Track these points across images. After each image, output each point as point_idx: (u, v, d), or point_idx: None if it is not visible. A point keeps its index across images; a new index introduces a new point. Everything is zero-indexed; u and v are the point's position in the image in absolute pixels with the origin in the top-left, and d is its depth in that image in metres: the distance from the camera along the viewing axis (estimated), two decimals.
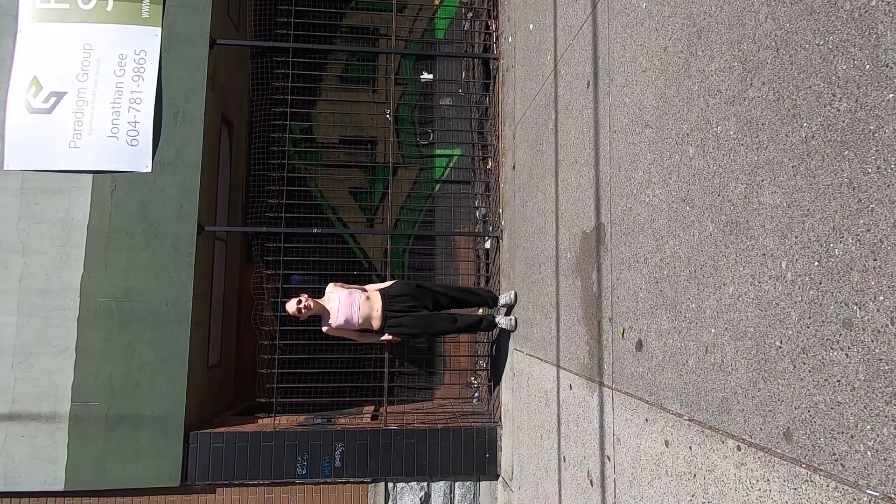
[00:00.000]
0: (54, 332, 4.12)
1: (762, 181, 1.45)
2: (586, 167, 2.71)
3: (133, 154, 4.28)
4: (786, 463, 1.31)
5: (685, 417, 1.75)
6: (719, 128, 1.65)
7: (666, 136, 1.96)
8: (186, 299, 4.25)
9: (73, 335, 4.12)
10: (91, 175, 4.26)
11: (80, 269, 4.20)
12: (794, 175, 1.33)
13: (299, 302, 3.74)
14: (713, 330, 1.63)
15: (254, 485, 4.28)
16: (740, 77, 1.55)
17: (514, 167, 4.33)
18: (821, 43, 1.26)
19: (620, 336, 2.23)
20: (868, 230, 1.11)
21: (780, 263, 1.37)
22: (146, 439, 4.10)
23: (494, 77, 5.11)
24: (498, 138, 4.89)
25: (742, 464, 1.47)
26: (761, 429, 1.41)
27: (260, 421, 4.53)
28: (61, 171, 4.24)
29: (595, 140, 2.60)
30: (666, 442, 1.86)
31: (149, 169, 4.30)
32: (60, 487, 4.02)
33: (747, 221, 1.51)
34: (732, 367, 1.53)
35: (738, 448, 1.49)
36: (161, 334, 4.20)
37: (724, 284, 1.60)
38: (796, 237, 1.32)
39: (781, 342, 1.35)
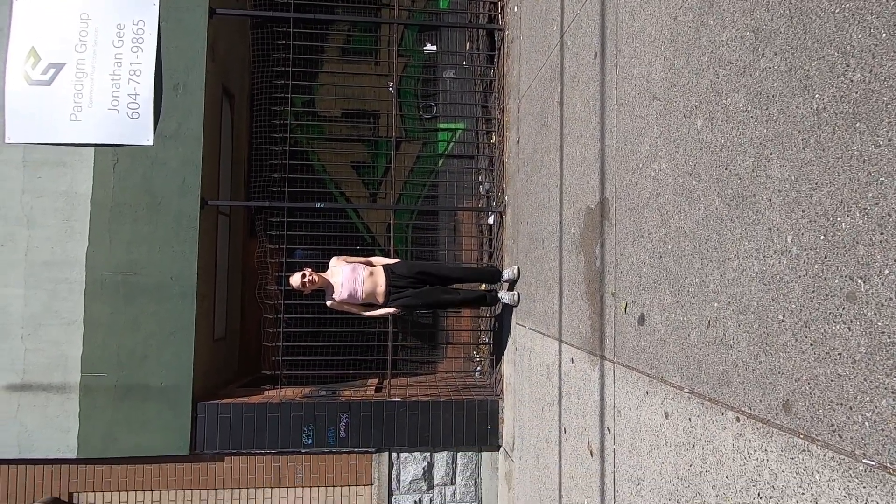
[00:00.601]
0: (61, 304, 4.17)
1: (771, 154, 1.43)
2: (592, 141, 2.68)
3: (134, 127, 4.24)
4: (784, 434, 1.34)
5: (685, 390, 1.78)
6: (729, 100, 1.62)
7: (674, 108, 1.93)
8: (191, 273, 4.28)
9: (80, 307, 4.17)
10: (93, 148, 4.24)
11: (85, 243, 4.22)
12: (804, 148, 1.31)
13: (303, 276, 3.76)
14: (716, 304, 1.64)
15: (261, 454, 4.39)
16: (752, 47, 1.52)
17: (518, 141, 4.29)
18: (836, 11, 1.22)
19: (623, 311, 2.25)
20: (876, 203, 1.10)
21: (786, 237, 1.36)
22: (155, 410, 4.19)
23: (499, 48, 5.00)
24: (502, 112, 4.82)
25: (740, 434, 1.50)
26: (761, 401, 1.43)
27: (266, 393, 4.62)
28: (63, 145, 4.22)
29: (601, 113, 2.56)
30: (666, 414, 1.89)
31: (150, 142, 4.27)
32: (73, 455, 4.13)
33: (754, 195, 1.49)
34: (734, 340, 1.55)
35: (737, 419, 1.51)
36: (167, 307, 4.24)
37: (728, 259, 1.60)
38: (803, 211, 1.31)
39: (784, 316, 1.36)
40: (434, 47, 5.91)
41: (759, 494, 1.42)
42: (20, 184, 4.18)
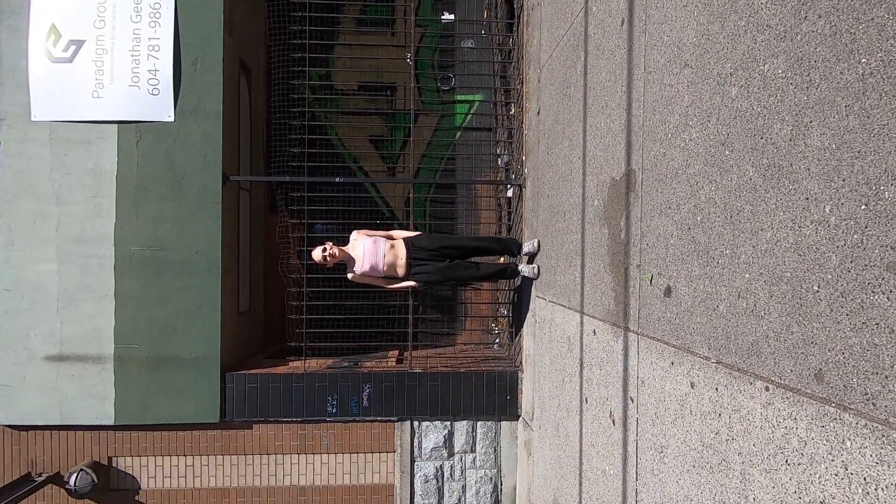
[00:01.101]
0: (93, 279, 4.30)
1: (810, 122, 1.40)
2: (617, 111, 2.63)
3: (155, 103, 4.27)
4: (815, 402, 1.35)
5: (713, 360, 1.79)
6: (766, 66, 1.58)
7: (706, 76, 1.88)
8: (216, 248, 4.37)
9: (111, 282, 4.30)
10: (116, 125, 4.29)
11: (113, 219, 4.32)
12: (847, 115, 1.28)
13: (324, 250, 3.81)
14: (747, 275, 1.63)
15: (287, 422, 4.55)
16: (794, 10, 1.46)
17: (538, 112, 4.22)
18: None
19: (648, 283, 2.25)
20: None
21: (824, 207, 1.35)
22: (186, 379, 4.35)
23: (519, 16, 4.88)
24: (522, 82, 4.73)
25: (769, 403, 1.51)
26: (792, 370, 1.44)
27: (291, 364, 4.75)
28: (87, 122, 4.27)
29: (628, 82, 2.50)
30: (691, 384, 1.91)
31: (171, 118, 4.30)
32: (111, 422, 4.33)
33: (791, 165, 1.47)
34: (765, 311, 1.54)
35: (767, 389, 1.53)
36: (193, 281, 4.35)
37: (761, 230, 1.58)
38: (844, 180, 1.29)
39: (819, 286, 1.35)
40: (451, 16, 5.78)
41: (786, 461, 1.45)
42: (48, 162, 4.27)
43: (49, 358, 4.28)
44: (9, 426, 4.35)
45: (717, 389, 1.77)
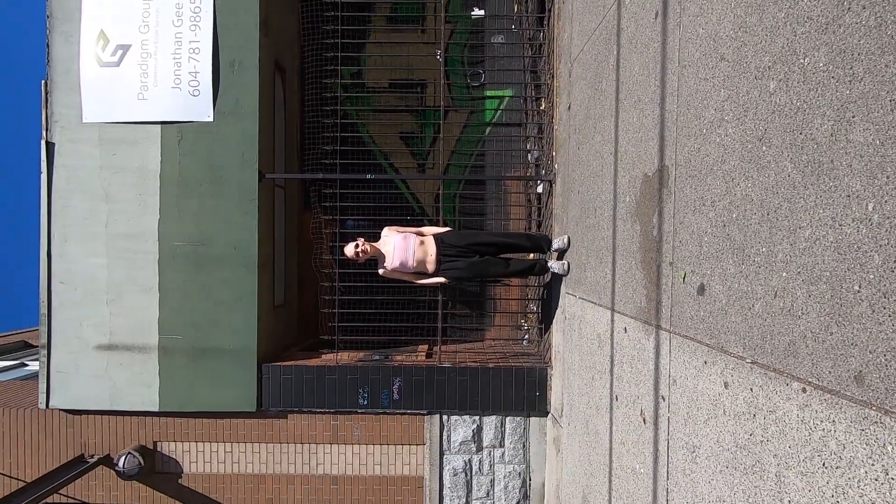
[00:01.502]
0: (139, 272, 4.52)
1: (853, 117, 1.36)
2: (650, 106, 2.59)
3: (195, 104, 4.44)
4: (854, 405, 1.32)
5: (747, 360, 1.76)
6: (807, 59, 1.53)
7: (744, 69, 1.83)
8: (252, 243, 4.52)
9: (155, 276, 4.51)
10: (159, 126, 4.48)
11: (157, 216, 4.52)
12: (892, 110, 1.24)
13: (356, 246, 3.89)
14: (784, 274, 1.60)
15: (320, 412, 4.69)
16: (836, 1, 1.42)
17: (569, 108, 4.18)
18: None
19: (681, 280, 2.22)
20: None
21: (867, 205, 1.31)
22: (225, 370, 4.53)
23: (549, 10, 4.83)
24: (552, 77, 4.69)
25: (806, 405, 1.48)
26: (830, 372, 1.40)
27: (323, 356, 4.88)
28: (133, 123, 4.48)
29: (662, 76, 2.46)
30: (725, 383, 1.89)
31: (211, 118, 4.46)
32: (156, 408, 4.56)
33: (832, 161, 1.43)
34: (803, 311, 1.51)
35: (804, 390, 1.49)
36: (232, 275, 4.52)
37: (799, 228, 1.54)
38: (888, 177, 1.25)
39: (860, 286, 1.32)
40: (482, 12, 5.77)
41: (823, 464, 1.42)
42: (98, 161, 4.50)
43: (100, 347, 4.54)
44: (64, 410, 4.64)
45: (751, 390, 1.74)
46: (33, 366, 6.94)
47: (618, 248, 2.98)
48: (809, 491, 1.47)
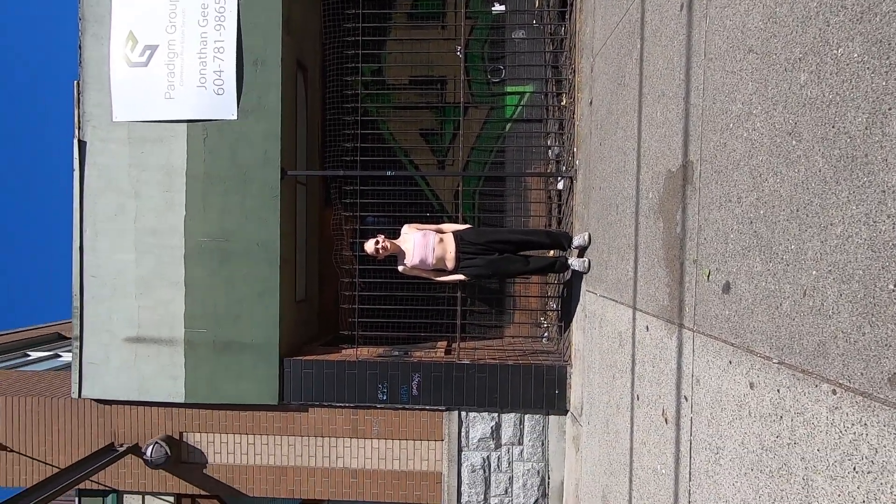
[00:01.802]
0: (166, 267, 4.64)
1: (889, 109, 1.31)
2: (675, 100, 2.53)
3: (220, 102, 4.52)
4: (888, 408, 1.27)
5: (774, 360, 1.71)
6: (840, 50, 1.48)
7: (773, 62, 1.78)
8: (275, 239, 4.59)
9: (181, 271, 4.63)
10: (185, 124, 4.58)
11: (183, 212, 4.63)
12: None
13: (377, 243, 3.92)
14: (814, 272, 1.55)
15: (341, 406, 4.74)
16: None
17: (591, 103, 4.12)
18: None
19: (705, 278, 2.17)
20: None
21: None
22: (248, 363, 4.62)
23: (571, 4, 4.76)
24: (574, 72, 4.63)
25: (836, 408, 1.44)
26: (862, 373, 1.36)
27: (343, 351, 4.94)
28: (160, 122, 4.59)
29: (687, 70, 2.41)
30: (751, 384, 1.84)
31: (235, 116, 4.54)
32: (182, 400, 4.68)
33: (866, 155, 1.38)
34: (834, 310, 1.46)
35: (834, 392, 1.45)
36: (254, 271, 4.60)
37: (831, 224, 1.49)
38: None
39: (895, 285, 1.27)
40: (502, 7, 5.72)
41: (854, 469, 1.37)
42: (127, 159, 4.63)
43: (128, 339, 4.67)
44: (95, 400, 4.80)
45: (778, 391, 1.69)
46: (67, 357, 7.20)
47: (640, 245, 2.93)
48: (839, 496, 1.42)
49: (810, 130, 1.59)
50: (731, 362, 1.97)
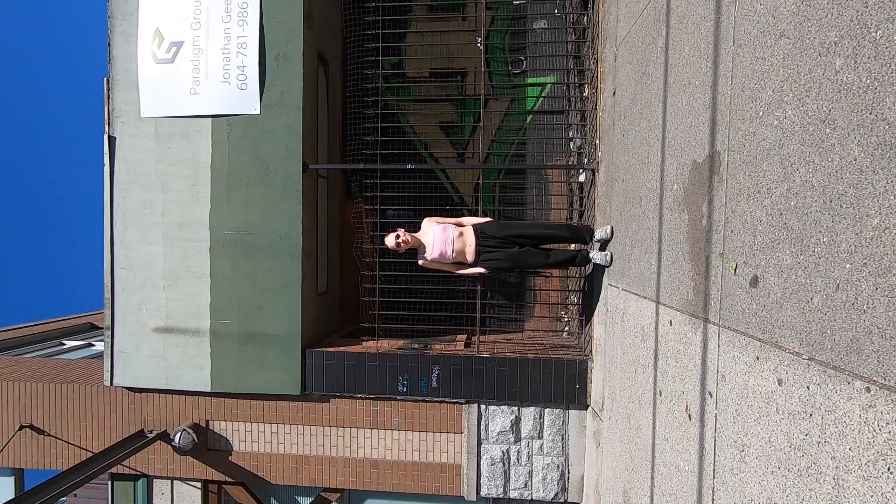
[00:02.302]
0: (192, 260, 4.75)
1: None
2: (702, 89, 2.46)
3: (243, 97, 4.59)
4: None
5: (804, 357, 1.66)
6: (879, 32, 1.41)
7: (806, 46, 1.71)
8: (297, 232, 4.65)
9: (206, 263, 4.73)
10: (210, 119, 4.66)
11: (208, 206, 4.72)
12: None
13: (397, 236, 3.93)
14: (848, 265, 1.49)
15: (361, 398, 4.80)
16: None
17: (614, 93, 4.04)
18: None
19: (732, 272, 2.11)
20: None
21: None
22: (271, 354, 4.71)
23: None
24: (597, 62, 4.54)
25: (870, 406, 1.38)
26: None
27: (364, 343, 4.98)
28: (185, 117, 4.68)
29: (714, 57, 2.33)
30: (779, 380, 1.79)
31: (257, 111, 4.60)
32: (208, 389, 4.80)
33: None
34: (869, 305, 1.41)
35: (868, 389, 1.40)
36: (277, 263, 4.67)
37: (867, 216, 1.43)
38: None
39: None
40: None
41: (888, 469, 1.32)
42: (154, 154, 4.74)
43: (157, 329, 4.81)
44: (126, 388, 4.96)
45: (808, 388, 1.64)
46: (99, 346, 7.46)
47: (664, 238, 2.87)
48: (872, 496, 1.38)
49: (846, 117, 1.53)
50: (758, 358, 1.92)
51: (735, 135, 2.14)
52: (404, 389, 4.68)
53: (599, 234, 4.04)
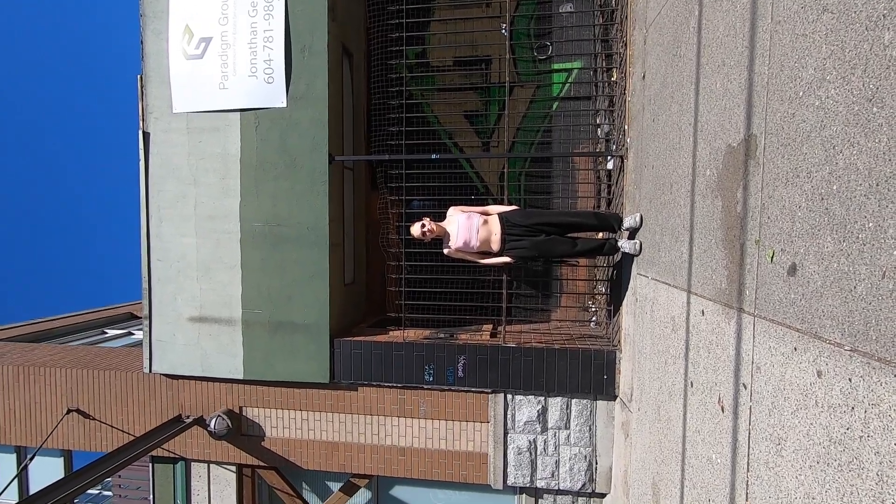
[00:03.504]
0: (224, 251, 4.87)
1: None
2: (737, 69, 2.36)
3: (270, 91, 4.65)
4: None
5: (846, 348, 1.59)
6: None
7: (851, 21, 1.62)
8: (324, 224, 4.71)
9: (237, 254, 4.84)
10: (238, 113, 4.75)
11: (238, 198, 4.82)
12: None
13: (423, 226, 3.93)
14: (895, 252, 1.41)
15: (388, 386, 4.86)
16: None
17: (643, 77, 3.92)
18: None
19: (769, 260, 2.03)
20: None
21: None
22: (300, 343, 4.81)
23: None
24: (625, 45, 4.41)
25: None
26: None
27: (391, 333, 5.03)
28: (215, 111, 4.78)
29: (751, 36, 2.23)
30: (818, 372, 1.72)
31: (284, 104, 4.66)
32: (241, 376, 4.94)
33: None
34: None
35: None
36: (305, 254, 4.75)
37: None
38: None
39: None
40: None
41: None
42: (186, 148, 4.86)
43: (192, 319, 4.97)
44: (164, 375, 5.16)
45: (850, 380, 1.57)
46: (138, 335, 7.76)
47: (696, 225, 2.78)
48: None
49: (894, 95, 1.44)
50: (795, 349, 1.85)
51: (773, 117, 2.04)
52: (430, 379, 4.72)
53: (628, 222, 3.95)
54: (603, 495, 4.83)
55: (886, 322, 1.44)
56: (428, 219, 3.97)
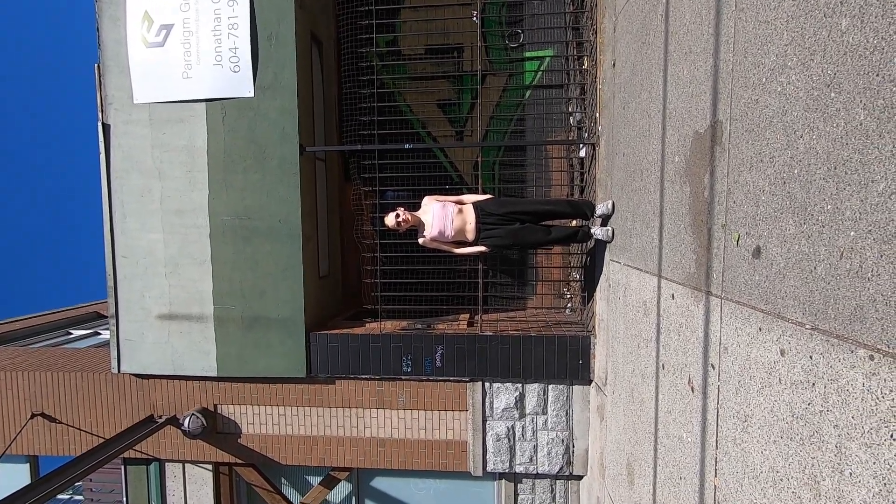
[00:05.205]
0: (193, 246, 4.74)
1: None
2: (703, 56, 2.40)
3: (236, 80, 4.51)
4: None
5: (807, 326, 1.65)
6: None
7: (811, 7, 1.65)
8: (296, 216, 4.62)
9: (207, 249, 4.72)
10: (204, 103, 4.60)
11: (206, 191, 4.69)
12: None
13: (397, 215, 3.90)
14: (852, 233, 1.46)
15: (366, 379, 4.84)
16: None
17: (613, 65, 3.95)
18: None
19: (735, 243, 2.09)
20: None
21: None
22: (275, 338, 4.74)
23: None
24: (595, 33, 4.44)
25: (874, 374, 1.37)
26: None
27: (367, 325, 5.00)
28: (179, 102, 4.61)
29: (716, 22, 2.26)
30: (781, 351, 1.78)
31: (251, 94, 4.53)
32: (214, 374, 4.84)
33: None
34: (874, 272, 1.38)
35: (871, 358, 1.38)
36: (278, 248, 4.66)
37: (872, 181, 1.40)
38: None
39: None
40: None
41: (892, 436, 1.32)
42: (150, 140, 4.69)
43: (161, 316, 4.83)
44: (134, 374, 5.01)
45: (811, 357, 1.63)
46: (106, 334, 7.52)
47: (665, 211, 2.83)
48: (874, 463, 1.38)
49: (851, 80, 1.48)
50: (760, 329, 1.91)
51: (737, 103, 2.09)
52: (409, 369, 4.72)
53: (601, 209, 4.01)
54: (580, 477, 4.94)
55: (844, 301, 1.49)
56: (402, 209, 3.94)
